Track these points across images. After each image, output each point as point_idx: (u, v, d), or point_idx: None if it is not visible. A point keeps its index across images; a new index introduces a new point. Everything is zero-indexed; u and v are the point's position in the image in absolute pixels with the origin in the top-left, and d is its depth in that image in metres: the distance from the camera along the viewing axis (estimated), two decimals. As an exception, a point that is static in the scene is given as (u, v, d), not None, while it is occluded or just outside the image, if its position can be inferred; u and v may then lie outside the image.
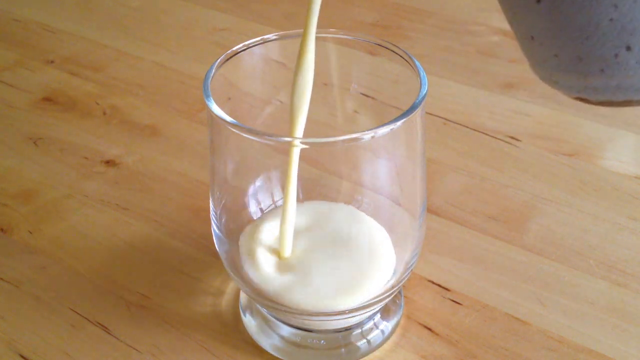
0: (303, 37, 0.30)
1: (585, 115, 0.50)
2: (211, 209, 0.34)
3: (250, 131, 0.29)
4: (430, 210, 0.42)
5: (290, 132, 0.31)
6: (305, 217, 0.35)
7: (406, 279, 0.34)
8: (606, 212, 0.42)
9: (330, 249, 0.34)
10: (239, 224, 0.36)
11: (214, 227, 0.34)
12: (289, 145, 0.31)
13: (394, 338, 0.35)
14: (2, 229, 0.42)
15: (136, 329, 0.36)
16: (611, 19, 0.20)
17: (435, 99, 0.51)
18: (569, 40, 0.21)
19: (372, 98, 0.36)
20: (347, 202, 0.36)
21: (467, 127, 0.49)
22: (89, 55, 0.59)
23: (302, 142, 0.30)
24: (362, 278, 0.33)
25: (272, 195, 0.37)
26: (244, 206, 0.36)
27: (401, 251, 0.34)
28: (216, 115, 0.30)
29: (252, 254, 0.34)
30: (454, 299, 0.37)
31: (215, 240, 0.35)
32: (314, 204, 0.37)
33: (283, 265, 0.34)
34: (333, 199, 0.37)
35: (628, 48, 0.21)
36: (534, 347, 0.35)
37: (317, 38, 0.30)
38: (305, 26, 0.30)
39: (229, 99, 0.33)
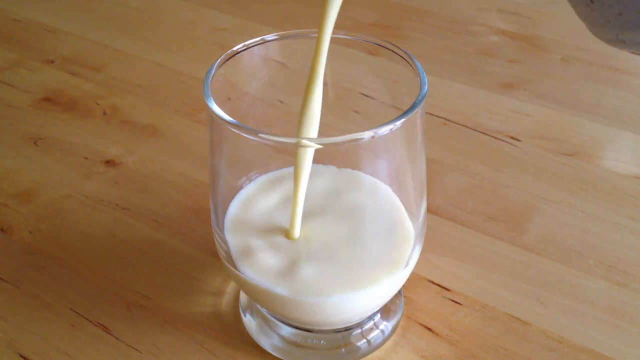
0: (314, 61, 0.30)
1: (585, 115, 0.50)
2: (211, 209, 0.34)
3: (250, 131, 0.29)
4: (430, 210, 0.42)
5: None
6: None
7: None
8: (606, 212, 0.42)
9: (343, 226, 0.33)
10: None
11: (214, 227, 0.34)
12: (289, 145, 0.31)
13: (394, 338, 0.35)
14: (2, 229, 0.42)
15: (136, 329, 0.36)
16: None
17: (435, 99, 0.51)
18: None
19: (372, 98, 0.36)
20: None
21: (467, 127, 0.49)
22: (89, 55, 0.59)
23: (302, 142, 0.30)
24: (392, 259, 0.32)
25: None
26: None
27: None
28: (216, 115, 0.30)
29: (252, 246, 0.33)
30: (454, 299, 0.37)
31: (215, 241, 0.35)
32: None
33: (291, 249, 0.33)
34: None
35: None
36: (534, 347, 0.35)
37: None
38: (315, 54, 0.30)
39: (229, 99, 0.33)
